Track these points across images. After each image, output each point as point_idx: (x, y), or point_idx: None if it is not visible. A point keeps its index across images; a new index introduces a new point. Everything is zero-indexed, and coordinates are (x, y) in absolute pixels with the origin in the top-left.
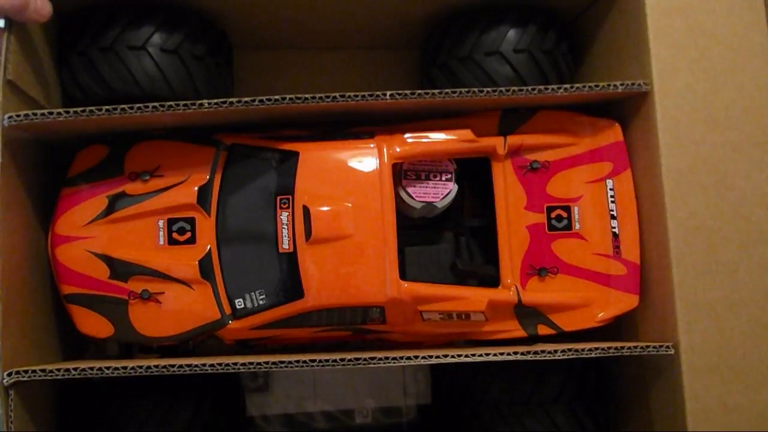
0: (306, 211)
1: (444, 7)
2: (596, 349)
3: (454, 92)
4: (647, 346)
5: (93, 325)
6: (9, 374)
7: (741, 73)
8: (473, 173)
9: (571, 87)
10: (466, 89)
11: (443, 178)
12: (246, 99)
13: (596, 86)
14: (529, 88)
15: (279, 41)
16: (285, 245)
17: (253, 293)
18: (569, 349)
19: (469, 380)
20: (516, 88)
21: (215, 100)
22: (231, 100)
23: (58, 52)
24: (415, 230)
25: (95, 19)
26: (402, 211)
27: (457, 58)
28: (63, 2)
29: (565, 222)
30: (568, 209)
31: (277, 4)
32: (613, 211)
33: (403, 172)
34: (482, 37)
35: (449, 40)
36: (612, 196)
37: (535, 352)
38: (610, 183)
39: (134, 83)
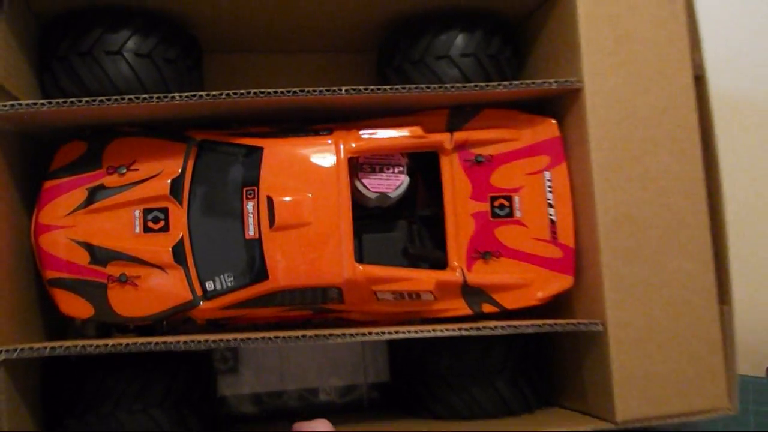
0: (270, 200)
1: (398, 13)
2: (533, 325)
3: (404, 89)
4: (578, 323)
5: (75, 306)
6: None
7: (663, 76)
8: (426, 166)
9: (510, 84)
10: (416, 86)
11: (396, 171)
12: (214, 93)
13: (533, 83)
14: (473, 84)
15: (245, 45)
16: (251, 232)
17: (222, 276)
18: (509, 326)
19: (421, 356)
20: (460, 85)
21: (186, 93)
22: (200, 93)
23: (40, 57)
24: (371, 219)
25: (74, 26)
26: (359, 201)
27: (410, 61)
28: (44, 11)
29: (507, 210)
30: (509, 198)
31: (242, 11)
32: (550, 200)
33: (359, 165)
34: (433, 42)
35: (403, 45)
36: (549, 187)
37: (479, 329)
38: (547, 175)
39: (111, 85)
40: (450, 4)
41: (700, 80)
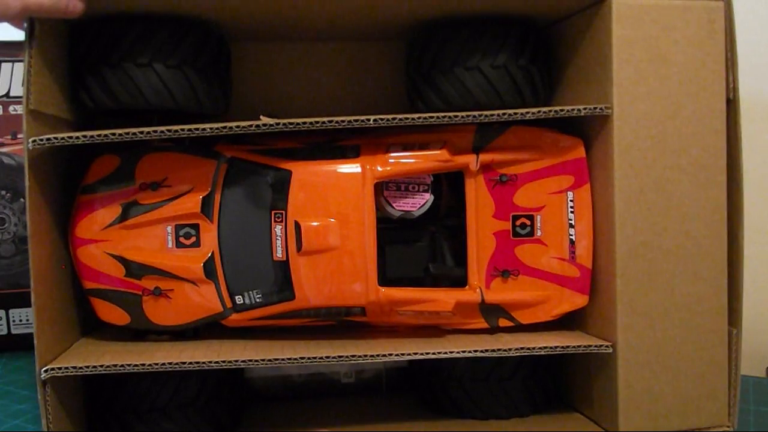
0: (297, 226)
1: (428, 19)
2: (545, 347)
3: (431, 117)
4: (589, 346)
5: (112, 314)
6: (46, 371)
7: (696, 100)
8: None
9: (538, 111)
10: (442, 114)
11: (420, 189)
12: (243, 124)
13: (561, 110)
14: (500, 112)
15: (274, 34)
16: (279, 254)
17: (251, 292)
18: (522, 348)
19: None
20: (488, 113)
21: (216, 125)
22: (230, 125)
23: (71, 64)
24: (396, 225)
25: (104, 36)
26: (384, 213)
27: (440, 70)
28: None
29: (528, 229)
30: (531, 218)
31: (272, 9)
32: (571, 220)
33: (385, 184)
34: (463, 52)
35: (432, 51)
36: (571, 207)
37: (493, 350)
38: (570, 195)
39: (141, 97)
40: (480, 8)
41: (731, 103)
